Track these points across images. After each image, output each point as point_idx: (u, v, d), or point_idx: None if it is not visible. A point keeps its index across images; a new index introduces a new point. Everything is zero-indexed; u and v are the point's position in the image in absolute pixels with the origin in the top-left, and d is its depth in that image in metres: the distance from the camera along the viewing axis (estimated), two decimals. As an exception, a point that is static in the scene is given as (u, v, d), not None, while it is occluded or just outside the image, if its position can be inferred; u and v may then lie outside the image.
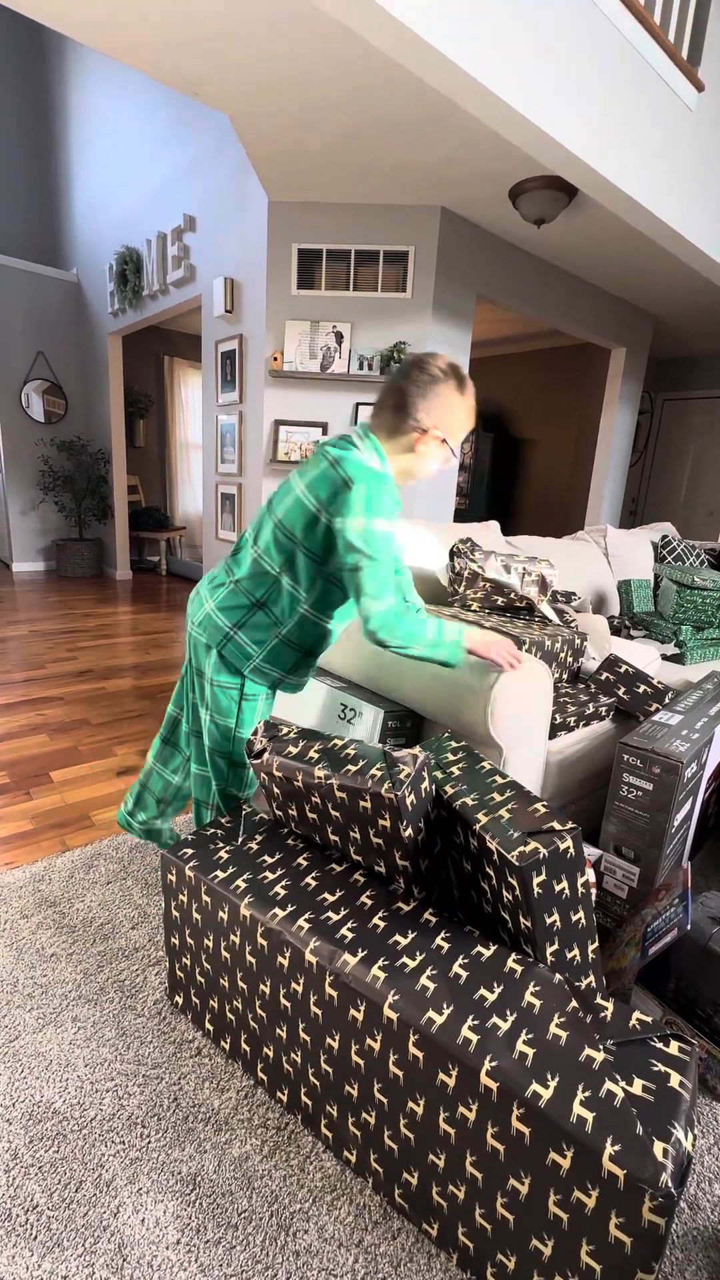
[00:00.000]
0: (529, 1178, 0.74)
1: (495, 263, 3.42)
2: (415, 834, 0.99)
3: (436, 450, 1.20)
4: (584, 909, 0.96)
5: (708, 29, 2.55)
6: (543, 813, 0.97)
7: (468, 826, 0.98)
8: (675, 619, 2.40)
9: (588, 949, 0.98)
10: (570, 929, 0.95)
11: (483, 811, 0.99)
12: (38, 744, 2.34)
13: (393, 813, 0.97)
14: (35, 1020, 1.19)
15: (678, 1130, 0.69)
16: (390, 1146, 0.89)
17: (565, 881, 0.92)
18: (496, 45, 1.87)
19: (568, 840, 0.92)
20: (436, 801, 1.06)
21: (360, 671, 1.65)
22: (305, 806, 1.12)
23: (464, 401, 1.18)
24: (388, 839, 1.01)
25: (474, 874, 1.01)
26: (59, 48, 5.14)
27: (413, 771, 1.00)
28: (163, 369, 6.42)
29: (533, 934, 0.91)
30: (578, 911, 0.95)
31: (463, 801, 1.03)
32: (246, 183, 3.27)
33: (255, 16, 1.92)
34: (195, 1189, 0.94)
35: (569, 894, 0.93)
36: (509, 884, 0.91)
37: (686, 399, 5.70)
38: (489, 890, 0.98)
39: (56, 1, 1.91)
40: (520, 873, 0.88)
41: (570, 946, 0.96)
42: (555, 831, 0.93)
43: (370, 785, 0.98)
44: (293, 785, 1.10)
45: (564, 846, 0.91)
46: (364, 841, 1.05)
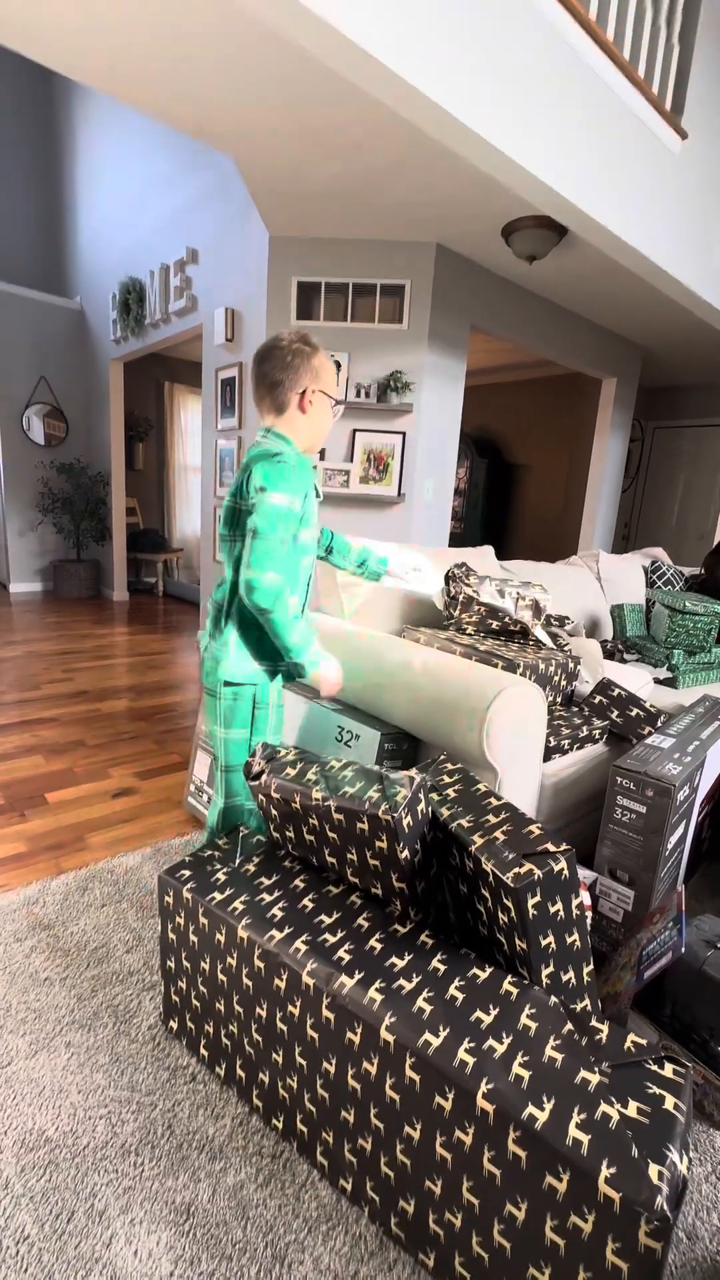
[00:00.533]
0: (526, 1203, 0.74)
1: (489, 296, 3.53)
2: (412, 856, 1.00)
3: (321, 402, 1.30)
4: (579, 931, 0.97)
5: (689, 82, 2.68)
6: (537, 834, 0.99)
7: (464, 848, 1.00)
8: (667, 643, 2.43)
9: (583, 972, 0.99)
10: (565, 951, 0.96)
11: (478, 833, 1.00)
12: (33, 765, 2.34)
13: (390, 834, 0.98)
14: (28, 1046, 1.18)
15: (673, 1153, 0.69)
16: (386, 1173, 0.88)
17: (560, 903, 0.93)
18: (488, 94, 1.96)
19: (562, 862, 0.93)
20: (433, 823, 1.07)
21: (357, 694, 1.67)
22: (303, 828, 1.13)
23: (318, 354, 1.28)
24: (385, 861, 1.02)
25: (470, 896, 1.02)
26: (68, 87, 5.33)
27: (409, 793, 1.01)
28: (163, 394, 6.53)
29: (528, 956, 0.92)
30: (572, 934, 0.96)
31: (459, 823, 1.04)
32: (248, 218, 3.37)
33: (259, 66, 2.01)
34: (189, 1219, 0.93)
35: (564, 916, 0.94)
36: (504, 906, 0.92)
37: (676, 427, 5.83)
38: (485, 912, 0.99)
39: (69, 51, 2.00)
40: (515, 894, 0.89)
41: (565, 969, 0.96)
42: (550, 853, 0.94)
43: (367, 807, 0.99)
44: (290, 807, 1.11)
45: (559, 868, 0.92)
46: (361, 863, 1.06)
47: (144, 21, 1.85)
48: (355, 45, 1.66)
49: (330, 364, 1.30)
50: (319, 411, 1.30)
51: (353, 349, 3.35)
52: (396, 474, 3.44)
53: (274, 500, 1.18)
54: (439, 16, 1.79)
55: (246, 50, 1.94)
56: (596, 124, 2.32)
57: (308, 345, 1.26)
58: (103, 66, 2.08)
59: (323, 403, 1.30)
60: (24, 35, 1.95)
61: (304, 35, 1.65)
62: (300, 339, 1.26)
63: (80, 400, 5.76)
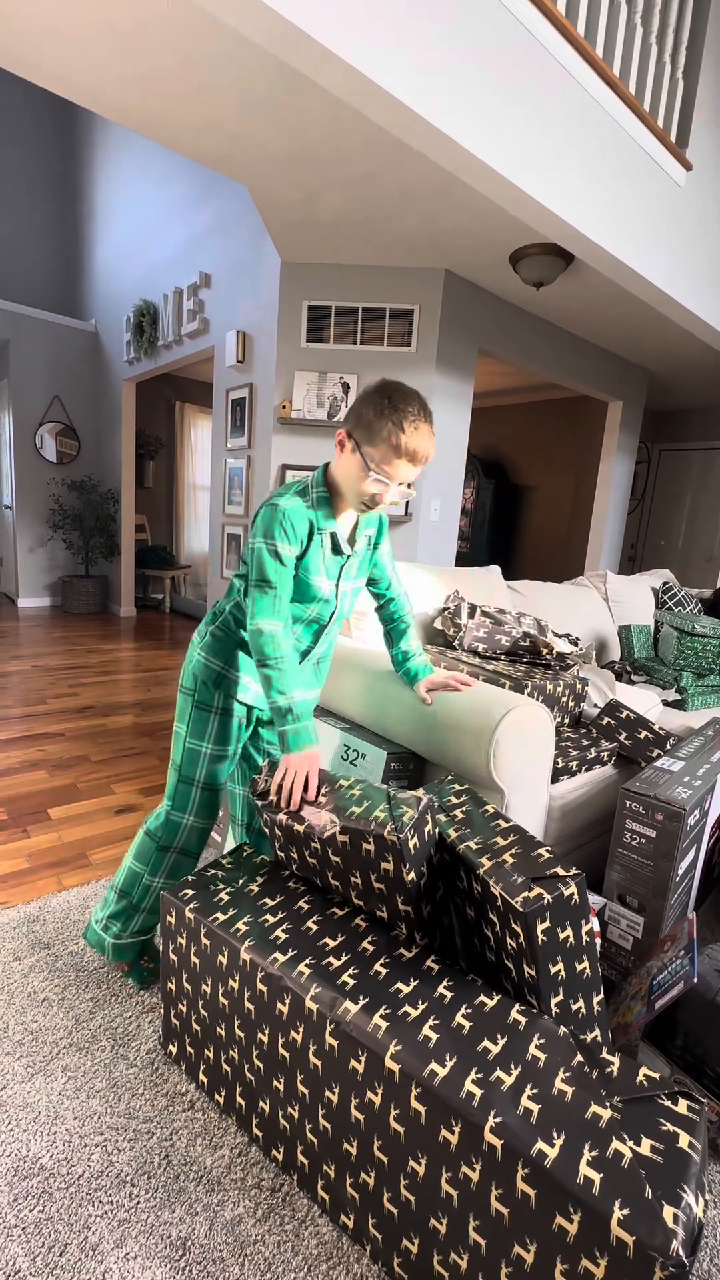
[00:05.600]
0: (535, 1244, 0.71)
1: (496, 321, 3.58)
2: (418, 879, 0.99)
3: (351, 458, 1.14)
4: (589, 958, 0.95)
5: (694, 115, 2.74)
6: (547, 858, 0.97)
7: (472, 871, 0.98)
8: (676, 665, 2.42)
9: (593, 1001, 0.96)
10: (575, 979, 0.93)
11: (486, 856, 0.99)
12: (37, 780, 2.33)
13: (396, 856, 0.97)
14: (24, 1069, 1.16)
15: (688, 1194, 0.67)
16: (390, 1210, 0.85)
17: (570, 929, 0.92)
18: (497, 126, 2.01)
19: (572, 886, 0.91)
20: (440, 845, 1.06)
21: (364, 713, 1.66)
22: (305, 851, 1.11)
23: (387, 416, 1.09)
24: (390, 884, 1.00)
25: (477, 920, 1.00)
26: (87, 118, 5.50)
27: (416, 814, 1.00)
28: (173, 413, 6.63)
29: (537, 983, 0.90)
30: (582, 961, 0.94)
31: (466, 845, 1.02)
32: (261, 245, 3.45)
33: (273, 99, 2.07)
34: (185, 1254, 0.90)
35: (574, 942, 0.92)
36: (513, 930, 0.90)
37: (682, 450, 5.86)
38: (492, 937, 0.97)
39: (95, 88, 2.07)
40: (524, 919, 0.87)
41: (575, 998, 0.94)
42: (559, 877, 0.92)
43: (374, 828, 0.98)
44: (294, 831, 1.10)
45: (568, 892, 0.91)
46: (365, 886, 1.04)
47: (164, 59, 1.92)
48: (367, 79, 1.70)
49: (392, 432, 1.09)
50: (346, 466, 1.15)
51: (361, 371, 3.40)
52: (404, 494, 3.46)
53: (258, 547, 1.14)
54: (449, 52, 1.84)
55: (263, 84, 2.00)
56: (604, 156, 2.37)
57: (383, 404, 1.10)
58: (128, 103, 2.14)
59: (353, 460, 1.14)
60: (54, 75, 2.02)
61: (318, 71, 1.70)
62: (387, 393, 1.11)
63: (92, 419, 5.85)
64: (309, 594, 1.22)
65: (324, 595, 1.24)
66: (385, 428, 1.09)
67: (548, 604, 2.54)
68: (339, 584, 1.27)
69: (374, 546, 1.36)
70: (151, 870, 1.31)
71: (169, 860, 1.31)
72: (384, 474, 1.12)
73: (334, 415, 3.41)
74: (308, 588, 1.21)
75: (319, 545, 1.20)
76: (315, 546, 1.19)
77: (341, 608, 1.31)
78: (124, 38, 1.85)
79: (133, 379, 5.18)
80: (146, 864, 1.32)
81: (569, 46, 2.12)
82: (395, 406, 1.09)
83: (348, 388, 3.39)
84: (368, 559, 1.35)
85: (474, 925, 1.02)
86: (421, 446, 1.12)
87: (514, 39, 1.98)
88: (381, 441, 1.10)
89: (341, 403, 3.40)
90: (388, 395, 1.10)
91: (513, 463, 6.41)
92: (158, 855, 1.31)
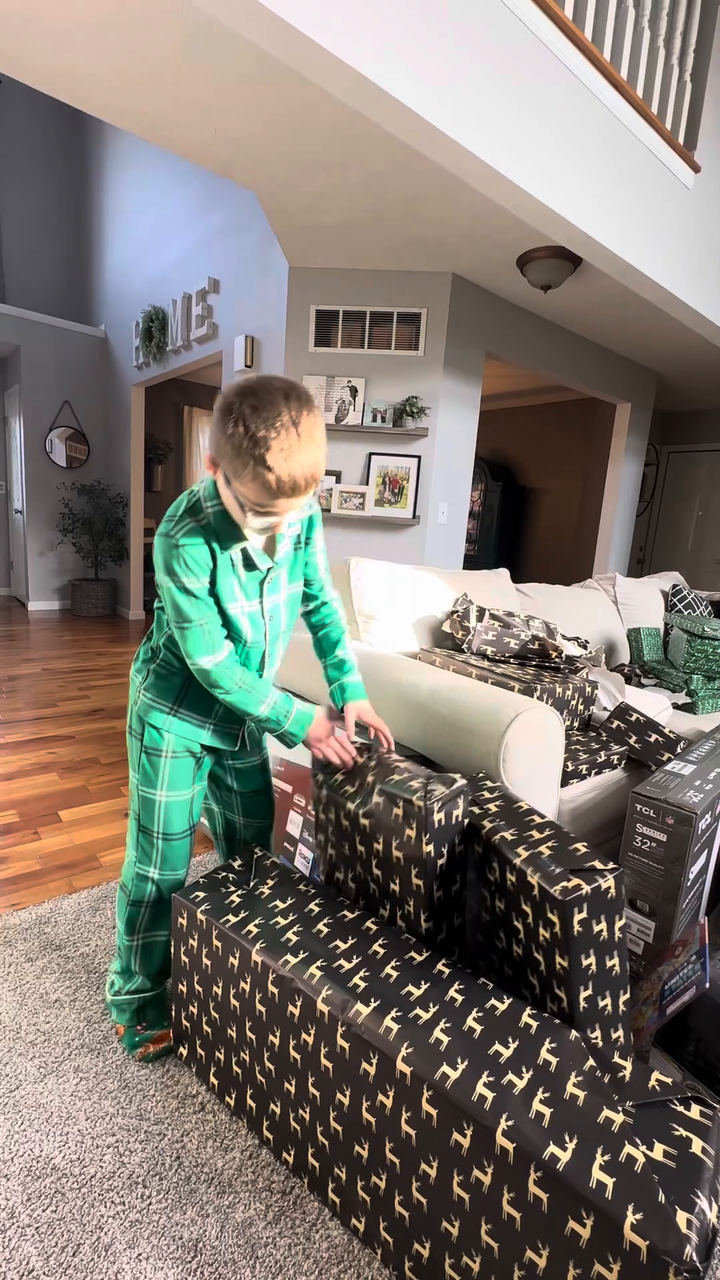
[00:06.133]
0: (547, 1249, 0.71)
1: (504, 324, 3.58)
2: (435, 855, 1.02)
3: (226, 492, 0.93)
4: (619, 955, 0.95)
5: (702, 117, 2.74)
6: (583, 852, 0.99)
7: (506, 861, 0.99)
8: (686, 668, 2.40)
9: (619, 1000, 0.97)
10: (604, 975, 0.94)
11: (522, 847, 1.01)
12: (47, 782, 2.34)
13: (419, 824, 1.01)
14: (37, 1069, 1.17)
15: (701, 1200, 0.67)
16: (401, 1213, 0.85)
17: (604, 923, 0.93)
18: (505, 130, 2.02)
19: (610, 880, 0.92)
20: (473, 836, 1.07)
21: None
22: (342, 814, 1.16)
23: (246, 452, 0.83)
24: (409, 855, 1.04)
25: (506, 913, 1.01)
26: (97, 125, 5.56)
27: (447, 793, 1.04)
28: (182, 418, 6.67)
29: (568, 976, 0.91)
30: (613, 957, 0.95)
31: (501, 836, 1.04)
32: (269, 250, 3.47)
33: (281, 106, 2.09)
34: (196, 1256, 0.90)
35: (606, 937, 0.93)
36: (547, 920, 0.91)
37: (691, 452, 5.83)
38: (523, 929, 0.98)
39: (101, 95, 2.09)
40: (562, 907, 0.88)
41: (603, 994, 0.95)
42: (597, 870, 0.93)
43: (405, 794, 1.04)
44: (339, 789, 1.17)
45: (606, 885, 0.92)
46: (385, 853, 1.08)
47: (169, 64, 1.94)
48: (374, 85, 1.72)
49: (259, 480, 0.86)
50: (226, 494, 0.94)
51: (369, 374, 3.41)
52: (411, 497, 3.47)
53: (165, 585, 0.98)
54: (456, 57, 1.85)
55: (269, 90, 2.01)
56: (611, 159, 2.37)
57: (237, 434, 0.83)
58: (134, 109, 2.17)
59: (228, 493, 0.93)
60: (65, 86, 2.05)
61: (325, 77, 1.71)
62: (239, 417, 0.83)
63: (102, 424, 5.90)
64: (229, 623, 1.05)
65: (247, 619, 1.07)
66: (248, 466, 0.84)
67: (556, 607, 2.54)
68: (264, 600, 1.09)
69: (306, 542, 1.15)
70: (127, 928, 1.22)
71: (143, 916, 1.21)
72: (265, 513, 0.92)
73: (341, 419, 3.42)
74: (224, 616, 1.04)
75: (226, 567, 1.00)
76: (224, 568, 1.00)
77: (278, 623, 1.14)
78: (128, 42, 1.87)
79: (142, 384, 5.22)
80: (123, 921, 1.23)
81: (577, 51, 2.13)
82: (254, 437, 0.82)
83: (355, 391, 3.40)
84: (301, 559, 1.16)
85: (503, 917, 1.03)
86: (301, 474, 0.85)
87: (521, 44, 1.99)
88: (249, 480, 0.86)
89: (349, 407, 3.42)
90: (241, 420, 0.83)
91: (521, 465, 6.41)
92: (130, 912, 1.21)
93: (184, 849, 1.21)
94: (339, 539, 3.55)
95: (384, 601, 1.90)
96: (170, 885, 1.21)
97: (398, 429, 3.37)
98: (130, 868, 1.21)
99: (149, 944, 1.23)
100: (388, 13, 1.68)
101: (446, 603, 2.05)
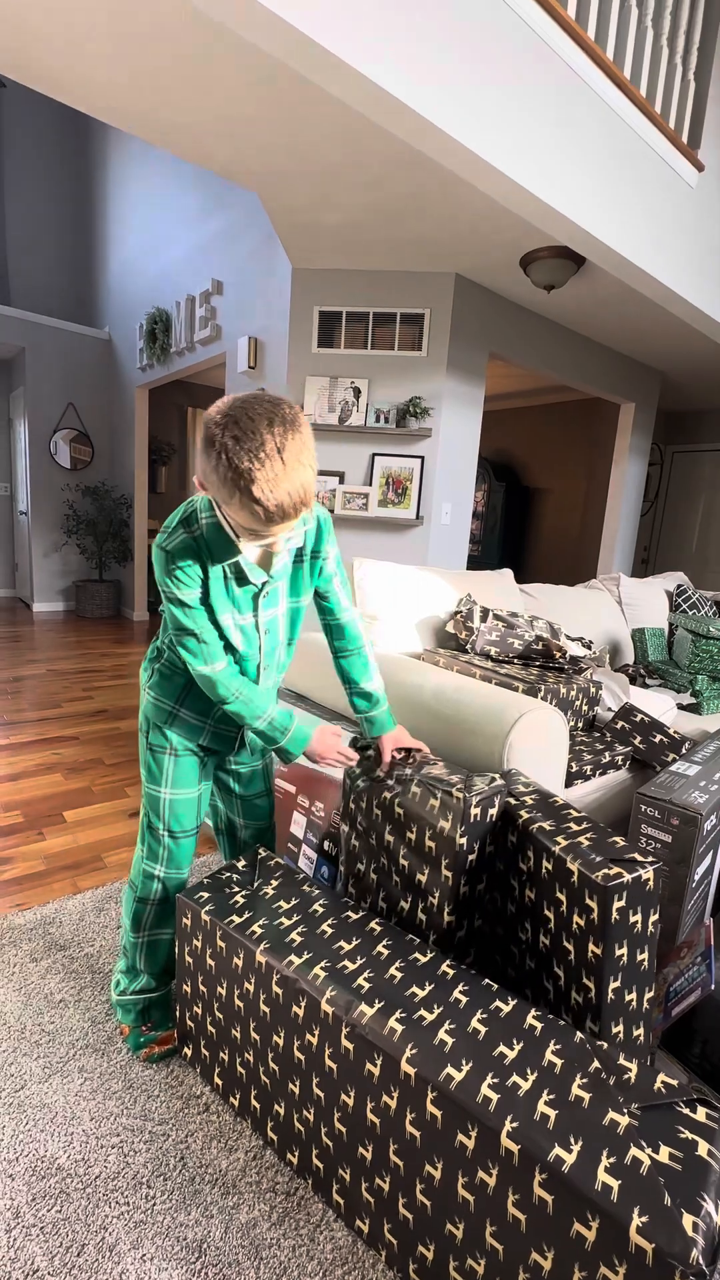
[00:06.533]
0: (552, 1251, 0.70)
1: (507, 324, 3.58)
2: (468, 850, 1.05)
3: (218, 510, 0.96)
4: (649, 951, 0.97)
5: (705, 116, 2.73)
6: (622, 845, 1.01)
7: (543, 850, 1.01)
8: (691, 669, 2.40)
9: (644, 996, 0.98)
10: (633, 969, 0.96)
11: (560, 836, 1.03)
12: (52, 783, 2.35)
13: (456, 815, 1.04)
14: (42, 1069, 1.17)
15: (707, 1203, 0.66)
16: (405, 1215, 0.85)
17: (640, 915, 0.94)
18: (508, 130, 2.02)
19: (649, 871, 0.94)
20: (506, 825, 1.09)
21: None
22: (375, 802, 1.20)
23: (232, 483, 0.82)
24: (441, 845, 1.07)
25: (537, 903, 1.03)
26: (100, 128, 5.58)
27: (486, 789, 1.08)
28: (186, 420, 6.68)
29: (600, 964, 0.92)
30: (643, 951, 0.96)
31: (539, 825, 1.06)
32: (272, 251, 3.48)
33: (283, 107, 2.09)
34: (200, 1257, 0.90)
35: (640, 929, 0.95)
36: (584, 907, 0.94)
37: (696, 451, 5.82)
38: (553, 918, 1.00)
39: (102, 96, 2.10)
40: (604, 892, 0.90)
41: (630, 988, 0.96)
42: (638, 862, 0.95)
43: (444, 785, 1.08)
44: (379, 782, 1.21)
45: (645, 877, 0.94)
46: (418, 842, 1.11)
47: (170, 65, 1.94)
48: (375, 85, 1.72)
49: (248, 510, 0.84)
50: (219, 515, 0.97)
51: (372, 375, 3.41)
52: (415, 497, 3.47)
53: (164, 594, 1.00)
54: (458, 57, 1.85)
55: (271, 91, 2.02)
56: (615, 158, 2.37)
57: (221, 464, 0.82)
58: (136, 110, 2.17)
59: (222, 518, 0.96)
60: (69, 89, 2.05)
61: (327, 78, 1.72)
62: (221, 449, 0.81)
63: (106, 425, 5.92)
64: (223, 634, 1.05)
65: (239, 631, 1.06)
66: (235, 497, 0.83)
67: (560, 607, 2.53)
68: (259, 614, 1.07)
69: (315, 555, 1.11)
70: (133, 925, 1.23)
71: (148, 913, 1.22)
72: (258, 536, 0.92)
73: (345, 420, 3.42)
74: (218, 628, 1.04)
75: (219, 579, 1.00)
76: (214, 581, 0.99)
77: (275, 637, 1.13)
78: (132, 46, 1.87)
79: (145, 386, 5.23)
80: (129, 918, 1.24)
81: (579, 50, 2.13)
82: (236, 469, 0.81)
83: (359, 392, 3.40)
84: (307, 572, 1.12)
85: (531, 909, 1.05)
86: (288, 501, 0.84)
87: (523, 43, 1.99)
88: (238, 509, 0.85)
89: (352, 407, 3.42)
90: (223, 451, 0.81)
91: (524, 465, 6.40)
92: (136, 908, 1.22)
93: (189, 847, 1.22)
94: (342, 540, 3.56)
95: (388, 602, 1.90)
96: (175, 884, 1.22)
97: (401, 430, 3.37)
98: (138, 864, 1.22)
99: (154, 941, 1.24)
100: (389, 13, 1.69)
101: (450, 603, 2.05)
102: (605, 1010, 0.94)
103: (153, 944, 1.24)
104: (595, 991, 0.93)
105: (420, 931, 1.14)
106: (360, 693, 1.23)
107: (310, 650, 1.84)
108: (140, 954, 1.24)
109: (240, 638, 1.07)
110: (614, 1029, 0.96)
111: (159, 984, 1.26)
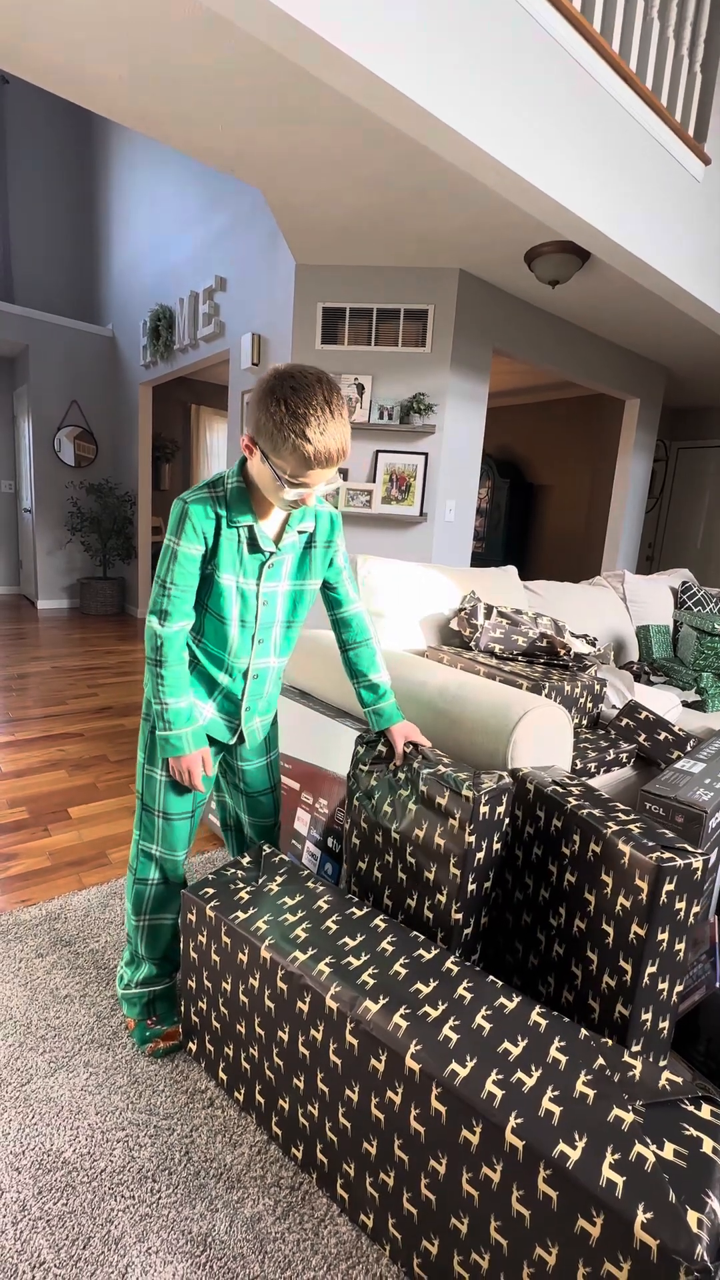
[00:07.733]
0: (556, 1246, 0.70)
1: (511, 320, 3.56)
2: (475, 848, 1.05)
3: (262, 468, 1.02)
4: (685, 943, 0.98)
5: (712, 109, 2.71)
6: (671, 836, 1.02)
7: (593, 832, 1.03)
8: (696, 666, 2.39)
9: (674, 989, 0.99)
10: (670, 957, 0.97)
11: (611, 822, 1.05)
12: (57, 779, 2.36)
13: (464, 814, 1.04)
14: (47, 1064, 1.18)
15: (712, 1200, 0.66)
16: (410, 1210, 0.85)
17: (684, 903, 0.96)
18: (513, 125, 2.00)
19: (699, 860, 0.95)
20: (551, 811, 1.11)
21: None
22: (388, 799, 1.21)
23: (287, 426, 0.94)
24: (449, 844, 1.08)
25: (578, 887, 1.05)
26: (103, 125, 5.57)
27: (494, 787, 1.08)
28: (189, 416, 6.68)
29: (642, 945, 0.94)
30: (681, 941, 0.98)
31: (589, 812, 1.07)
32: (275, 247, 3.47)
33: (285, 102, 2.08)
34: (206, 1250, 0.91)
35: (682, 918, 0.97)
36: (634, 888, 0.95)
37: (701, 447, 5.79)
38: (594, 901, 1.02)
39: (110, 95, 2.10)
40: (656, 872, 0.92)
41: (664, 976, 0.97)
42: (690, 851, 0.97)
43: (453, 784, 1.09)
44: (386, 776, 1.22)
45: (695, 864, 0.95)
46: (427, 839, 1.12)
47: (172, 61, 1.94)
48: (379, 79, 1.71)
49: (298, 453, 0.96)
50: (258, 474, 1.04)
51: (376, 372, 3.40)
52: (419, 494, 3.46)
53: (166, 543, 1.07)
54: (462, 50, 1.84)
55: (273, 86, 2.01)
56: (621, 151, 2.35)
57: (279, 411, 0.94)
58: (139, 107, 2.17)
59: (264, 470, 1.02)
60: (73, 85, 2.05)
61: (329, 72, 1.71)
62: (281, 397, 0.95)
63: (110, 423, 5.92)
64: (219, 593, 1.10)
65: (238, 593, 1.11)
66: (288, 440, 0.95)
67: (564, 604, 2.53)
68: (260, 583, 1.13)
69: (328, 544, 1.19)
70: (134, 908, 1.24)
71: (149, 895, 1.23)
72: (299, 484, 1.01)
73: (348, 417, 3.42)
74: (216, 585, 1.10)
75: (231, 541, 1.08)
76: (226, 542, 1.08)
77: (273, 610, 1.16)
78: (135, 41, 1.87)
79: (149, 383, 5.23)
80: (130, 900, 1.25)
81: (585, 42, 2.11)
82: (294, 413, 0.94)
83: (362, 388, 3.39)
84: (318, 559, 1.19)
85: (570, 893, 1.07)
86: (334, 446, 0.97)
87: (528, 36, 1.98)
88: (288, 454, 0.96)
89: (356, 404, 3.41)
90: (283, 400, 0.94)
91: (528, 462, 6.38)
92: (137, 889, 1.23)
93: (184, 831, 1.22)
94: (346, 537, 3.55)
95: (391, 599, 1.90)
96: (173, 866, 1.23)
97: (405, 426, 3.36)
98: (135, 844, 1.24)
99: (155, 926, 1.25)
100: (393, 7, 1.68)
101: (454, 600, 2.04)
102: (639, 994, 0.96)
103: (154, 929, 1.25)
104: (631, 974, 0.95)
105: (427, 929, 1.14)
106: (368, 684, 1.29)
107: (315, 648, 1.84)
108: (141, 938, 1.25)
109: (239, 602, 1.12)
110: (643, 1015, 0.97)
111: (161, 972, 1.27)
